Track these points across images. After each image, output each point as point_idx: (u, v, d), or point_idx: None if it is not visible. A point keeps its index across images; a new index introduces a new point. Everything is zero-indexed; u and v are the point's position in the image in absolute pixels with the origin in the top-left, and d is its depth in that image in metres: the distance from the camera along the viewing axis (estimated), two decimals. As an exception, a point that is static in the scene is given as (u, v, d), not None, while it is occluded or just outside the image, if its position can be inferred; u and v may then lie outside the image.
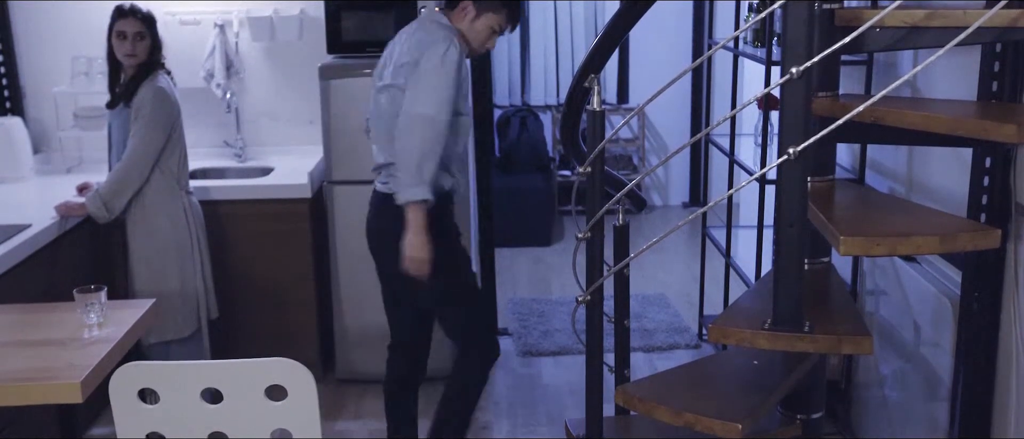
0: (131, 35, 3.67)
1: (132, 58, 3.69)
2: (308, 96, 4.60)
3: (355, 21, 4.39)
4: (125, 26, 3.69)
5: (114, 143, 3.81)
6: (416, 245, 3.03)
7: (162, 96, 3.69)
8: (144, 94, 3.66)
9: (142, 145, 3.64)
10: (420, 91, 2.98)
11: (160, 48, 3.79)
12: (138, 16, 3.71)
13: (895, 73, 3.55)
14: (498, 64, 7.30)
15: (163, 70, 3.79)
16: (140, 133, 3.64)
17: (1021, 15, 2.17)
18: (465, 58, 3.12)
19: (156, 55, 3.77)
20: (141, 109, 3.64)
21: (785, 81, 2.04)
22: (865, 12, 2.40)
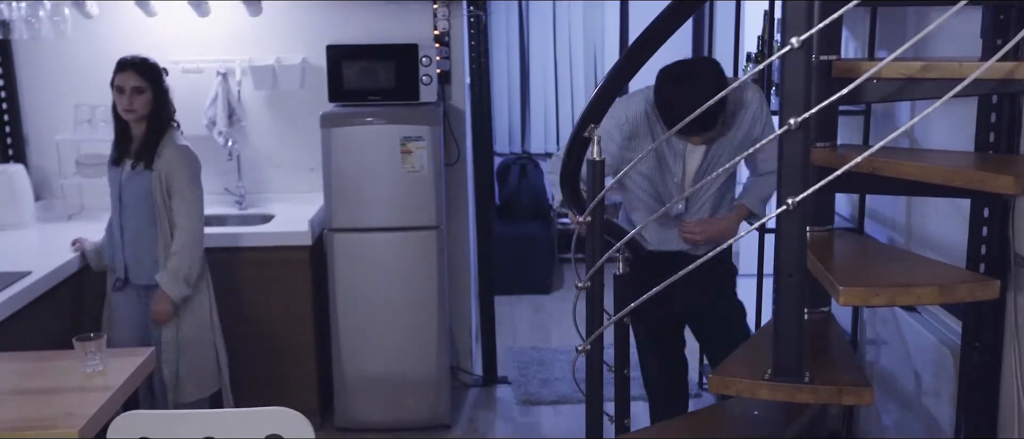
0: (129, 90, 3.59)
1: (131, 113, 3.62)
2: (309, 144, 4.63)
3: (356, 70, 4.43)
4: (123, 80, 3.60)
5: (127, 204, 3.73)
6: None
7: (189, 154, 3.70)
8: (172, 157, 3.64)
9: (194, 209, 3.66)
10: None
11: (168, 102, 3.72)
12: (138, 69, 3.62)
13: (893, 123, 3.58)
14: (498, 112, 7.34)
15: (174, 124, 3.75)
16: (186, 198, 3.64)
17: (1017, 67, 2.18)
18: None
19: (165, 110, 3.70)
20: (177, 174, 3.63)
21: (784, 132, 2.06)
22: (862, 64, 2.42)
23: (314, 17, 4.61)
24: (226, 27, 4.60)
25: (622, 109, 3.36)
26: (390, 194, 4.26)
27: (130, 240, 3.73)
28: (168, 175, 3.62)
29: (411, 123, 4.23)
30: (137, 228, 3.71)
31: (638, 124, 3.36)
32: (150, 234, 3.69)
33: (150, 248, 3.70)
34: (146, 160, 3.65)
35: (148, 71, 3.64)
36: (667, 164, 3.40)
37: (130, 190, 3.69)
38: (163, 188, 3.65)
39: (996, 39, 2.58)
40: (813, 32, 2.01)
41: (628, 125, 3.36)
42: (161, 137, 3.67)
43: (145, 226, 3.70)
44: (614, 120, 3.33)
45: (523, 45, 7.44)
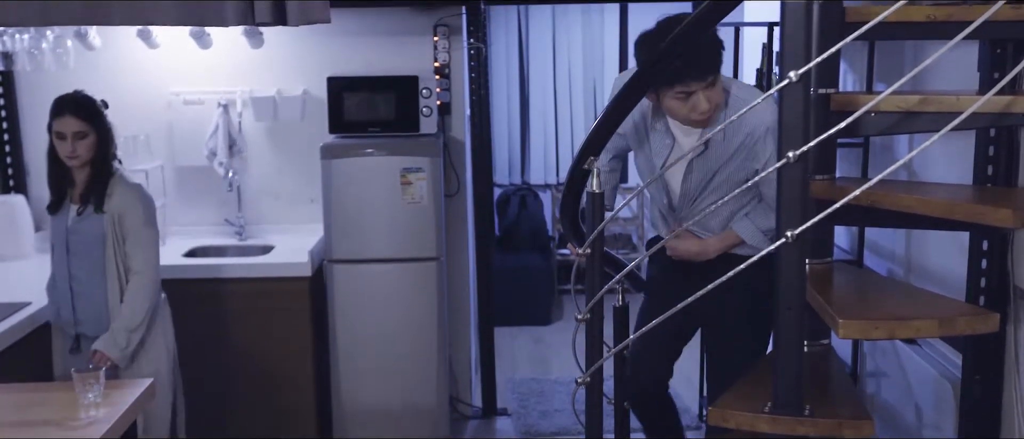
0: (70, 135, 3.29)
1: (75, 159, 3.32)
2: (309, 175, 4.64)
3: (357, 102, 4.45)
4: (62, 126, 3.30)
5: (75, 253, 3.39)
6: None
7: (143, 194, 3.44)
8: (125, 197, 3.37)
9: (151, 253, 3.40)
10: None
11: (112, 140, 3.41)
12: (78, 112, 3.31)
13: (892, 155, 3.58)
14: (498, 143, 7.37)
15: (118, 161, 3.46)
16: (142, 240, 3.38)
17: (1014, 101, 2.20)
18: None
19: (109, 150, 3.40)
20: (130, 215, 3.36)
21: (782, 164, 2.06)
22: (860, 97, 2.43)
23: (315, 49, 4.63)
24: (228, 58, 4.63)
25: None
26: (390, 225, 4.26)
27: (81, 291, 3.39)
28: (121, 217, 3.35)
29: (411, 154, 4.24)
30: (89, 278, 3.38)
31: (627, 133, 3.21)
32: (103, 283, 3.37)
33: (104, 299, 3.37)
34: (95, 203, 3.35)
35: (89, 113, 3.34)
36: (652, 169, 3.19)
37: (79, 237, 3.37)
38: (116, 231, 3.35)
39: (993, 73, 2.60)
40: (811, 66, 2.02)
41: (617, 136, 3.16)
42: (108, 177, 3.39)
43: (97, 275, 3.37)
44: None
45: (523, 77, 7.48)
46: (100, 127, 3.36)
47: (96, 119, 3.35)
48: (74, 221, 3.38)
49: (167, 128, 4.70)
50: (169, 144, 4.72)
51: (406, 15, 4.63)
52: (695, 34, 2.52)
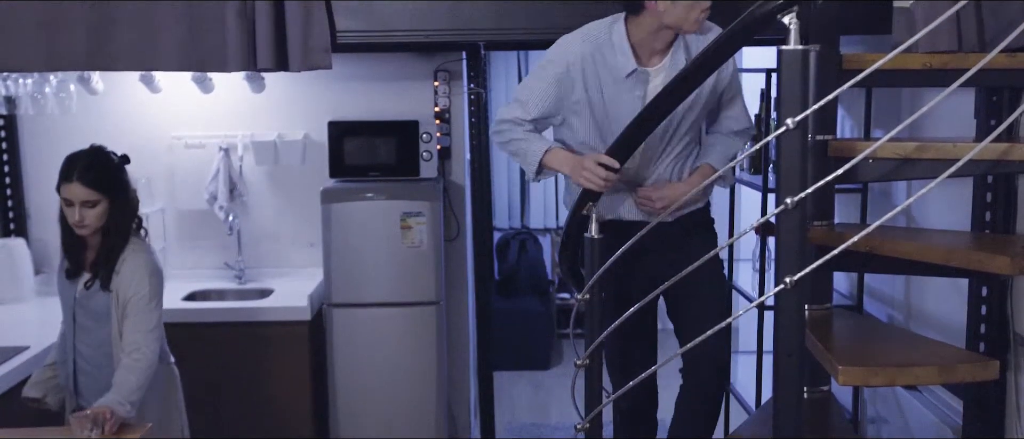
0: (78, 203, 2.98)
1: (84, 228, 3.02)
2: (310, 219, 4.65)
3: (357, 146, 4.47)
4: (70, 193, 2.99)
5: (82, 326, 3.13)
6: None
7: (152, 269, 3.10)
8: (132, 275, 3.04)
9: (151, 332, 3.05)
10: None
11: (127, 208, 3.09)
12: (87, 180, 2.97)
13: (890, 201, 3.60)
14: (498, 187, 7.39)
15: (139, 232, 3.16)
16: (144, 318, 3.03)
17: (1010, 148, 2.21)
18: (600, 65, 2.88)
19: (124, 218, 3.07)
20: (135, 294, 3.03)
21: (781, 211, 2.07)
22: (858, 144, 2.45)
23: (316, 93, 4.66)
24: (229, 103, 4.66)
25: (560, 50, 2.93)
26: (389, 269, 4.27)
27: (85, 368, 3.15)
28: (125, 297, 3.03)
29: (411, 199, 4.25)
30: (93, 356, 3.13)
31: (576, 68, 2.90)
32: (108, 364, 3.09)
33: (108, 380, 3.00)
34: (103, 279, 3.05)
35: (100, 179, 3.01)
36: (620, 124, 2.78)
37: (85, 312, 3.12)
38: (120, 311, 3.06)
39: (989, 120, 2.62)
40: (808, 113, 2.03)
41: (559, 71, 2.92)
42: (120, 250, 3.07)
43: (102, 355, 3.11)
44: (543, 63, 2.96)
45: (523, 121, 7.51)
46: (114, 193, 3.03)
47: (109, 185, 3.02)
48: (82, 294, 3.10)
49: (168, 172, 4.72)
50: (170, 188, 4.73)
51: (407, 60, 4.66)
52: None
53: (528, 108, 2.97)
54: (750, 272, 4.35)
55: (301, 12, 3.10)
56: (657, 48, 2.86)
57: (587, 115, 2.93)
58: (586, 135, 2.96)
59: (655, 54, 2.87)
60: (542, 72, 2.96)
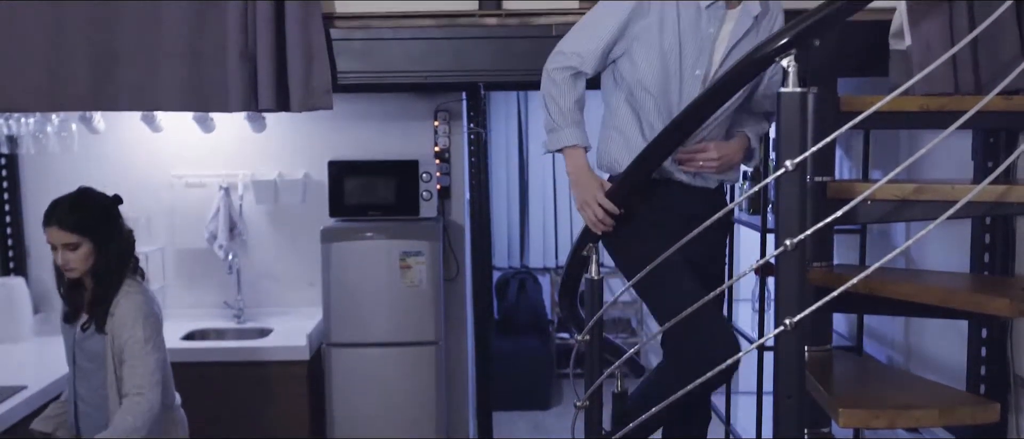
0: (59, 247, 2.98)
1: (71, 271, 3.00)
2: (309, 258, 4.65)
3: (357, 185, 4.48)
4: (50, 237, 2.98)
5: (81, 369, 3.11)
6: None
7: (146, 310, 3.05)
8: (125, 317, 3.00)
9: (149, 372, 3.00)
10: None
11: (114, 248, 3.04)
12: (64, 222, 2.96)
13: (889, 241, 3.60)
14: (497, 226, 7.39)
15: (136, 274, 3.12)
16: (140, 361, 2.99)
17: (1008, 190, 2.22)
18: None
19: (111, 258, 3.03)
20: (131, 336, 2.99)
21: (780, 252, 2.08)
22: (857, 185, 2.45)
23: (317, 133, 4.68)
24: (230, 142, 4.68)
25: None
26: (389, 309, 4.26)
27: (85, 412, 3.12)
28: (120, 337, 3.00)
29: (411, 238, 4.26)
30: (92, 399, 3.09)
31: (652, 3, 2.63)
32: (106, 408, 3.04)
33: (108, 421, 2.99)
34: (97, 322, 3.02)
35: (78, 222, 2.98)
36: (685, 63, 2.63)
37: (84, 353, 3.09)
38: (115, 354, 3.02)
39: (987, 161, 2.63)
40: (807, 155, 2.04)
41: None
42: (114, 292, 3.03)
43: (100, 399, 3.07)
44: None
45: (522, 161, 7.54)
46: (97, 235, 3.00)
47: (90, 227, 2.99)
48: (79, 336, 3.08)
49: (168, 211, 4.73)
50: (170, 227, 4.74)
51: (407, 100, 4.69)
52: None
53: (590, 50, 2.66)
54: (750, 312, 4.35)
55: (303, 53, 3.12)
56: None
57: (656, 44, 2.63)
58: (647, 70, 2.65)
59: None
60: (614, 5, 2.66)
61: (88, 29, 3.07)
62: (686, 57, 2.61)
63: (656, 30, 2.62)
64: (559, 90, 2.67)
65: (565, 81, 2.66)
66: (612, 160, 2.77)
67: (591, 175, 2.70)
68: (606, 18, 2.65)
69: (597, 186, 2.66)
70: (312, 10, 3.09)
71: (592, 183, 2.67)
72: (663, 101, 2.65)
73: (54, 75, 3.13)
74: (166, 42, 3.09)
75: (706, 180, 2.76)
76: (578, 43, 2.67)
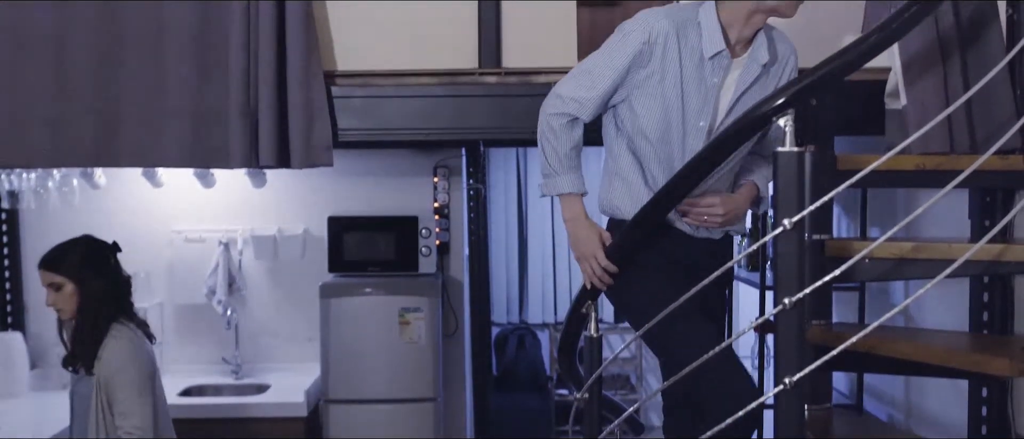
0: (46, 287, 3.13)
1: (59, 312, 3.14)
2: (308, 313, 4.64)
3: (356, 241, 4.49)
4: (40, 278, 3.16)
5: (77, 413, 3.18)
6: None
7: (135, 354, 3.10)
8: (111, 359, 3.05)
9: (140, 420, 3.02)
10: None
11: (100, 290, 3.13)
12: (47, 264, 3.13)
13: (888, 299, 3.60)
14: (496, 282, 7.39)
15: (124, 318, 3.17)
16: (129, 407, 3.02)
17: (1005, 249, 2.23)
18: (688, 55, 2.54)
19: (95, 301, 3.11)
20: (115, 380, 3.03)
21: (779, 311, 2.08)
22: (855, 244, 2.47)
23: (316, 188, 4.70)
24: (230, 197, 4.69)
25: (643, 20, 2.57)
26: (387, 366, 4.25)
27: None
28: (108, 382, 3.04)
29: (410, 294, 4.26)
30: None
31: (658, 44, 2.53)
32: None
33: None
34: (86, 364, 3.09)
35: (61, 264, 3.13)
36: (688, 114, 2.56)
37: (78, 398, 3.16)
38: (101, 397, 3.05)
39: (984, 220, 2.64)
40: (804, 214, 2.05)
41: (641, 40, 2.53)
42: (101, 334, 3.09)
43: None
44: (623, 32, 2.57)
45: (521, 217, 7.55)
46: (81, 277, 3.11)
47: (73, 269, 3.11)
48: (74, 380, 3.18)
49: (168, 266, 4.73)
50: (169, 282, 4.74)
51: (407, 156, 4.72)
52: None
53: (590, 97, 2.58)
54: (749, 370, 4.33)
55: (304, 111, 3.15)
56: (745, 36, 2.54)
57: (657, 93, 2.56)
58: (648, 120, 2.57)
59: (740, 44, 2.56)
60: (618, 45, 2.57)
61: (92, 89, 3.11)
62: (689, 108, 2.55)
63: (657, 80, 2.54)
64: (556, 136, 2.60)
65: (562, 127, 2.60)
66: (614, 207, 2.71)
67: (589, 226, 2.64)
68: (606, 66, 2.57)
69: (596, 241, 2.61)
70: (314, 69, 3.12)
71: (591, 236, 2.62)
72: (664, 151, 2.58)
73: (57, 132, 3.15)
74: (169, 102, 3.12)
75: (710, 231, 2.67)
76: (577, 89, 2.59)
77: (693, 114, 2.54)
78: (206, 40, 3.11)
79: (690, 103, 2.55)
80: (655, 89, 2.55)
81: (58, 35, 3.10)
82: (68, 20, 3.10)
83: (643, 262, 2.63)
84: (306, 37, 3.09)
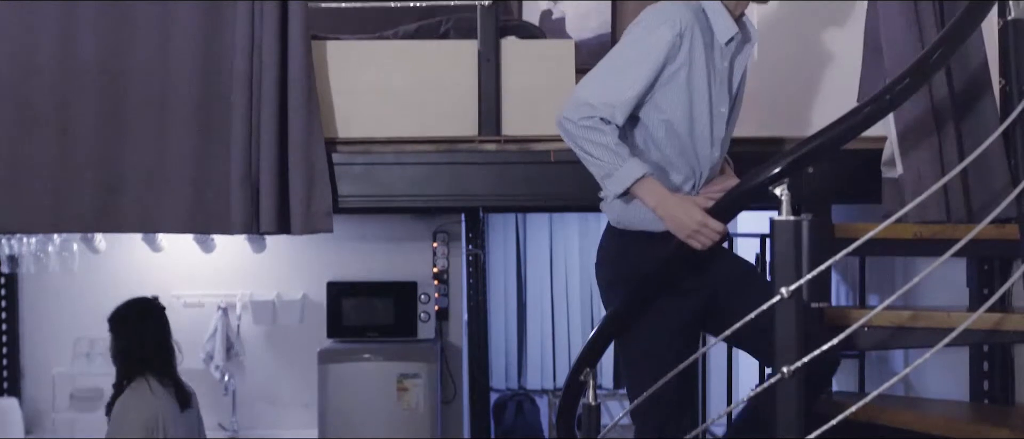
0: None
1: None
2: (306, 379, 4.61)
3: (355, 306, 4.49)
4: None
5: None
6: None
7: (130, 410, 3.40)
8: (116, 410, 3.43)
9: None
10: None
11: (124, 347, 3.52)
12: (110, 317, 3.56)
13: (888, 367, 3.59)
14: (495, 347, 7.34)
15: (151, 375, 3.49)
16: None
17: (1004, 319, 2.23)
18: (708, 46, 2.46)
19: (120, 355, 3.51)
20: (110, 430, 3.40)
21: (777, 380, 2.07)
22: (853, 312, 2.47)
23: (316, 253, 4.71)
24: (229, 262, 4.70)
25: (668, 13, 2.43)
26: (385, 432, 4.22)
27: None
28: (108, 431, 3.39)
29: (408, 360, 4.25)
30: None
31: (685, 36, 2.41)
32: None
33: None
34: (107, 408, 3.49)
35: (110, 317, 3.59)
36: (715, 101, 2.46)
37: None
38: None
39: (982, 289, 2.64)
40: (802, 282, 2.06)
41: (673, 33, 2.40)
42: (121, 385, 3.48)
43: None
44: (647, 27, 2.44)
45: (520, 282, 7.54)
46: (114, 329, 3.52)
47: (111, 321, 3.54)
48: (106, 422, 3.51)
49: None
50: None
51: (406, 222, 4.73)
52: None
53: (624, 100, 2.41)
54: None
55: (305, 177, 3.16)
56: (738, 13, 2.49)
57: (683, 86, 2.44)
58: (673, 112, 2.45)
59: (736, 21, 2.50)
60: (649, 41, 2.43)
61: (94, 156, 3.12)
62: (714, 96, 2.46)
63: (685, 72, 2.42)
64: (597, 132, 2.37)
65: (597, 125, 2.37)
66: (641, 218, 2.46)
67: (679, 198, 2.39)
68: (641, 64, 2.42)
69: (697, 209, 2.33)
70: (315, 136, 3.14)
71: (690, 208, 2.34)
72: (689, 144, 2.46)
73: (59, 198, 3.16)
74: (171, 169, 3.14)
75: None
76: (608, 92, 2.40)
77: (717, 101, 2.45)
78: (209, 108, 3.13)
79: (713, 91, 2.46)
80: (683, 82, 2.43)
81: (62, 102, 3.13)
82: (72, 87, 3.13)
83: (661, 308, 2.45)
84: (308, 105, 3.12)
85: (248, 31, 3.04)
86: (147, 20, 3.07)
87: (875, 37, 2.75)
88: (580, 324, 7.51)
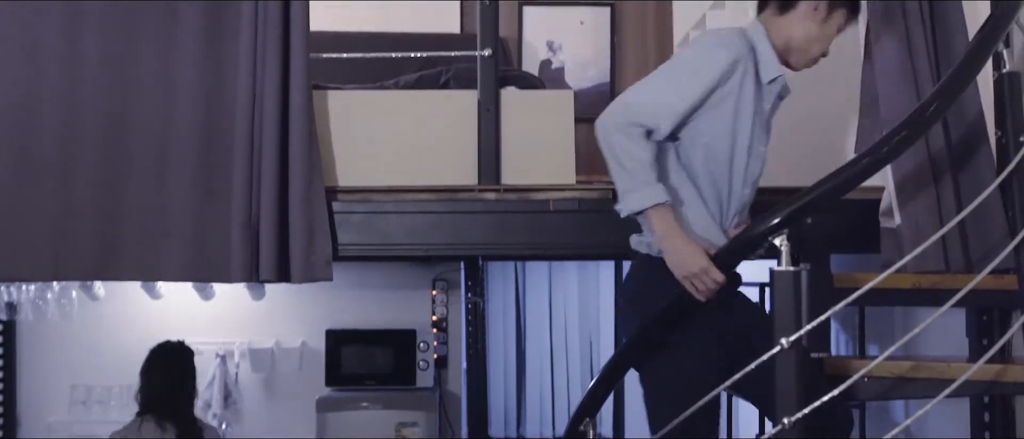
0: None
1: None
2: (303, 427, 4.59)
3: (354, 354, 4.48)
4: None
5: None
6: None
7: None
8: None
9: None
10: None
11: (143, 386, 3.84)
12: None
13: (889, 417, 3.58)
14: (494, 395, 7.32)
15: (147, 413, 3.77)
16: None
17: (1004, 370, 2.23)
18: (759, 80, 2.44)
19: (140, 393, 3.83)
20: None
21: (778, 431, 2.07)
22: (853, 362, 2.47)
23: (315, 301, 4.70)
24: (228, 310, 4.69)
25: (727, 39, 2.41)
26: (383, 482, 4.19)
27: None
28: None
29: (407, 408, 4.24)
30: None
31: (740, 65, 2.38)
32: None
33: None
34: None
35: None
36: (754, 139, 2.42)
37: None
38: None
39: (982, 339, 2.64)
40: (802, 333, 2.06)
41: (729, 58, 2.36)
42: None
43: None
44: (706, 46, 2.45)
45: (520, 330, 7.53)
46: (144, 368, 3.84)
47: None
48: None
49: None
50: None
51: (405, 270, 4.73)
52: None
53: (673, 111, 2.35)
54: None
55: (305, 226, 3.16)
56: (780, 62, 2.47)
57: (728, 115, 2.39)
58: (714, 137, 2.40)
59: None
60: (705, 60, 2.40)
61: (94, 206, 3.13)
62: (755, 133, 2.42)
63: (733, 101, 2.38)
64: (635, 143, 2.31)
65: (640, 136, 2.32)
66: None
67: (688, 239, 2.34)
68: (695, 78, 2.37)
69: (703, 254, 2.29)
70: (316, 186, 3.15)
71: (695, 249, 2.30)
72: (723, 176, 2.42)
73: (59, 247, 3.16)
74: (171, 218, 3.14)
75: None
76: (657, 99, 2.36)
77: (757, 139, 2.43)
78: (210, 156, 3.15)
79: (755, 127, 2.43)
80: (730, 110, 2.39)
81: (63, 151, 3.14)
82: (73, 136, 3.14)
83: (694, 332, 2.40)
84: (309, 154, 3.13)
85: (250, 81, 3.06)
86: (150, 68, 3.09)
87: (871, 90, 2.78)
88: (579, 372, 7.48)
